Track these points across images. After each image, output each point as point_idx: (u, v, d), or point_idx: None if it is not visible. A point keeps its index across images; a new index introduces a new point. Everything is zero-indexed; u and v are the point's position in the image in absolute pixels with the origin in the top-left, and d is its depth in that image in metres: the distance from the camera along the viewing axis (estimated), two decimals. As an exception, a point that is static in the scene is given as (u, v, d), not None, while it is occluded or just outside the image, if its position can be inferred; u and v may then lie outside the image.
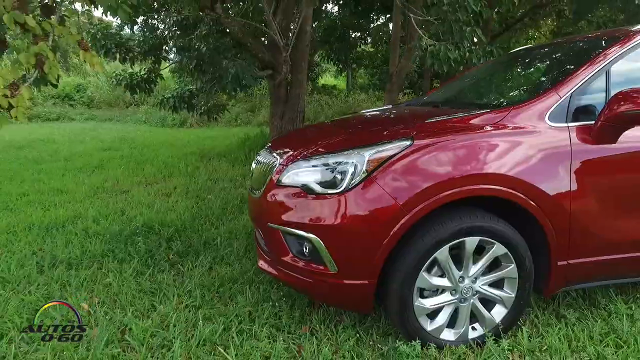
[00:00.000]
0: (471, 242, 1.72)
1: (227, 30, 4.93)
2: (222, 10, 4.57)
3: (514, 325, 1.89)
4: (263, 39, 5.79)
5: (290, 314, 2.06)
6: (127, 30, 6.83)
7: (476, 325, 1.87)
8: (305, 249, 1.80)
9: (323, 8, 7.48)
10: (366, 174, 1.68)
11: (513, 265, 1.80)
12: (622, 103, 1.70)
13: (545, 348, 1.78)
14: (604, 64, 1.86)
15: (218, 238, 3.06)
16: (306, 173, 1.84)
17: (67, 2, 2.86)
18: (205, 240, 3.05)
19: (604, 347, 1.77)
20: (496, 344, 1.77)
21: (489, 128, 1.77)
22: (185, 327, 1.94)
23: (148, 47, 5.89)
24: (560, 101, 1.82)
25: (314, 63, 9.71)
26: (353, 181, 1.69)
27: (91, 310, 2.08)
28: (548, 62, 2.40)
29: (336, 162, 1.76)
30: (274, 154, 2.13)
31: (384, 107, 3.22)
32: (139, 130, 10.75)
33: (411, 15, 3.19)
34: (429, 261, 1.71)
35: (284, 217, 1.84)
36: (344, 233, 1.68)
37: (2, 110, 2.54)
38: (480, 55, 3.46)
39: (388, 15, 7.54)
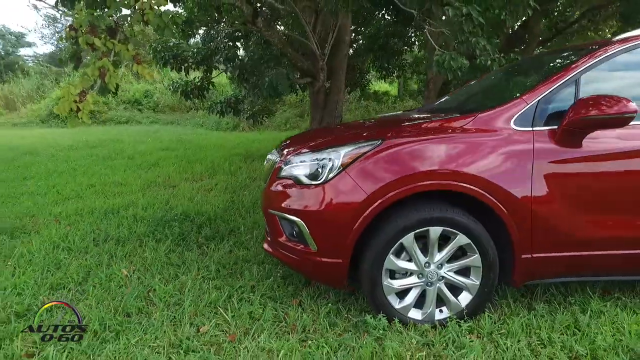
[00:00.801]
0: (434, 231, 1.98)
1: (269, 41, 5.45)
2: (262, 23, 5.11)
3: (480, 311, 2.10)
4: (302, 48, 6.24)
5: (285, 289, 2.43)
6: (190, 41, 7.69)
7: (443, 308, 2.11)
8: (294, 231, 2.16)
9: (368, 17, 7.80)
10: (341, 168, 2.01)
11: (477, 255, 2.02)
12: (582, 109, 1.87)
13: (503, 332, 1.97)
14: (574, 74, 2.03)
15: (242, 227, 3.51)
16: (298, 167, 2.20)
17: (126, 24, 3.48)
18: (231, 228, 3.52)
19: (559, 334, 1.93)
20: (457, 325, 1.99)
21: (452, 131, 2.02)
22: (198, 293, 2.39)
23: (200, 58, 6.62)
24: (526, 107, 2.02)
25: (365, 70, 10.03)
26: (330, 174, 2.03)
27: (128, 275, 2.61)
28: (540, 70, 2.55)
29: (320, 158, 2.11)
30: (280, 152, 2.52)
31: (393, 113, 3.50)
32: (195, 132, 11.77)
33: (426, 26, 3.44)
34: (395, 246, 1.99)
35: (280, 204, 2.21)
36: (321, 217, 2.02)
37: (73, 112, 3.20)
38: (503, 62, 3.60)
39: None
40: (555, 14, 7.72)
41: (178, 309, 2.21)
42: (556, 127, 1.98)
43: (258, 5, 5.04)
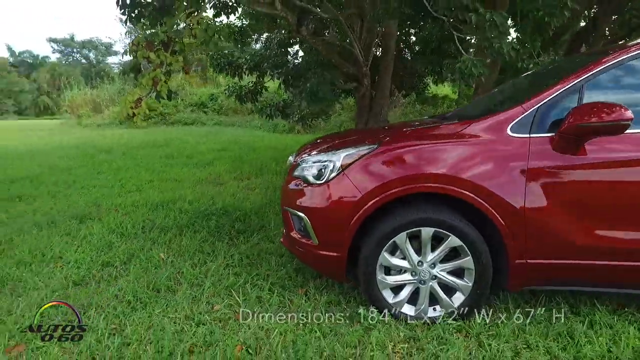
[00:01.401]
0: (426, 231, 2.10)
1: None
2: (306, 32, 5.42)
3: (472, 312, 2.16)
4: (348, 54, 6.46)
5: (295, 279, 2.67)
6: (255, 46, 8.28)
7: (437, 306, 2.21)
8: (301, 225, 2.40)
9: (414, 22, 7.82)
10: (341, 169, 2.21)
11: (469, 257, 2.10)
12: (579, 116, 1.89)
13: (492, 333, 2.03)
14: (577, 81, 2.04)
15: (272, 223, 3.82)
16: (307, 168, 2.43)
17: (177, 39, 3.96)
18: (263, 224, 3.84)
19: (549, 341, 1.95)
20: (447, 324, 2.09)
21: (447, 137, 2.13)
22: (219, 277, 2.71)
23: (253, 64, 7.12)
24: (524, 114, 2.06)
25: (423, 74, 10.03)
26: (332, 174, 2.24)
27: (164, 258, 3.02)
28: (552, 77, 2.53)
29: (324, 160, 2.33)
30: (297, 154, 2.78)
31: (411, 120, 3.60)
32: (252, 134, 12.47)
33: (455, 32, 3.49)
34: (389, 243, 2.14)
35: (291, 200, 2.46)
36: (322, 213, 2.24)
37: (129, 117, 3.72)
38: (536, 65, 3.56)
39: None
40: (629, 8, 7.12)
41: (199, 289, 2.55)
42: (554, 134, 2.01)
43: (303, 14, 5.34)
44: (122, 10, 4.83)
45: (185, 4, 4.08)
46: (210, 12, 5.71)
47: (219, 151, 8.69)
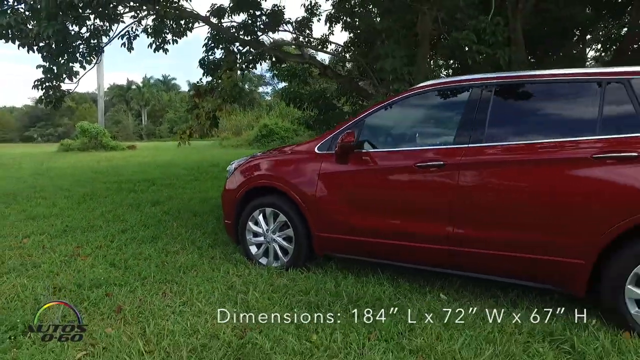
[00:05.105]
0: (268, 210, 3.56)
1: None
2: (331, 74, 7.05)
3: (295, 266, 3.48)
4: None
5: (231, 244, 4.32)
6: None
7: (279, 260, 3.59)
8: (223, 206, 4.08)
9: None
10: (235, 169, 3.84)
11: (290, 229, 3.46)
12: (338, 139, 3.15)
13: (294, 279, 3.33)
14: (361, 117, 3.27)
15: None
16: (229, 168, 4.10)
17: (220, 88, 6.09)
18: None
19: (321, 284, 3.16)
20: (275, 269, 3.47)
21: (287, 153, 3.58)
22: (191, 237, 4.55)
23: (313, 99, 8.99)
24: (326, 139, 3.37)
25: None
26: (231, 173, 3.88)
27: (176, 226, 5.02)
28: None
29: (234, 164, 3.98)
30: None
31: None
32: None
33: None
34: (251, 216, 3.65)
35: (224, 191, 4.18)
36: (224, 196, 3.90)
37: (182, 140, 5.96)
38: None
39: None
40: None
41: (175, 239, 4.43)
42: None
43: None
44: (202, 67, 7.32)
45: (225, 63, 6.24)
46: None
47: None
